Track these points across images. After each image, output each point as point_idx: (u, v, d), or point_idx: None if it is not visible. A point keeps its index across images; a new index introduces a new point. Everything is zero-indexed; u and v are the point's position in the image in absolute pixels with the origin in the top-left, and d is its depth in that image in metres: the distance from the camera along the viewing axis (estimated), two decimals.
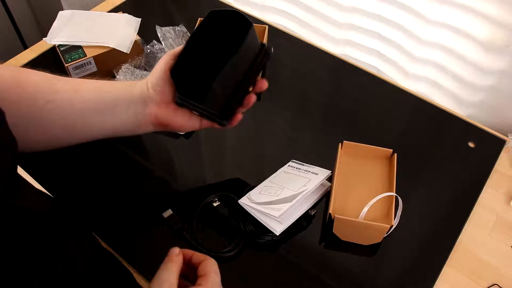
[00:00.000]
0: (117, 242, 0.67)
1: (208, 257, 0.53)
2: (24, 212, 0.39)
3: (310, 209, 0.70)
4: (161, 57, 0.89)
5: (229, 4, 1.07)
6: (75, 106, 0.54)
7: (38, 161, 0.75)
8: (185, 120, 0.58)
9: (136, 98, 0.56)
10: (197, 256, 0.53)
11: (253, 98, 0.58)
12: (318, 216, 0.70)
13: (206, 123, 0.59)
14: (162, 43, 0.91)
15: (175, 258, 0.51)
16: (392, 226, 0.65)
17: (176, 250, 0.52)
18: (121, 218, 0.70)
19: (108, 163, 0.77)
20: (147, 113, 0.56)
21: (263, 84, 0.59)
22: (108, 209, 0.71)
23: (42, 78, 0.54)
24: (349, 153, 0.75)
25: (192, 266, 0.53)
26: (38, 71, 0.55)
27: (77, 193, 0.73)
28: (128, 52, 0.86)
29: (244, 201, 0.68)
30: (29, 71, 0.54)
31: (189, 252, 0.54)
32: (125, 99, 0.56)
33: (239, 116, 0.59)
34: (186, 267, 0.53)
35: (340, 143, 0.74)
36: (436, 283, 0.65)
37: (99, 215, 0.70)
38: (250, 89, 0.59)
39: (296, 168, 0.74)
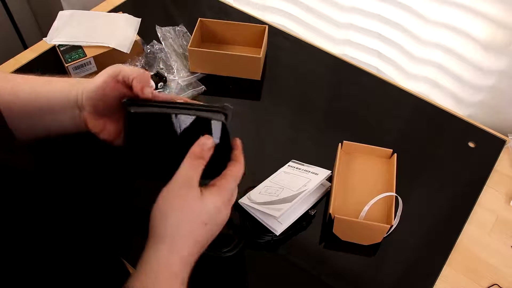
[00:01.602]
0: (117, 241, 0.67)
1: (235, 162, 0.50)
2: (13, 169, 0.40)
3: (310, 209, 0.70)
4: (160, 57, 0.90)
5: (229, 4, 1.07)
6: (13, 110, 0.54)
7: (37, 157, 0.75)
8: (110, 139, 0.57)
9: (72, 103, 0.55)
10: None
11: None
12: (318, 216, 0.70)
13: None
14: (162, 43, 0.91)
15: (206, 154, 0.47)
16: (392, 226, 0.65)
17: (209, 143, 0.47)
18: (121, 218, 0.70)
19: (109, 162, 0.76)
20: (82, 117, 0.56)
21: None
22: (107, 208, 0.71)
23: None
24: (349, 153, 0.75)
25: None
26: None
27: (77, 193, 0.72)
28: (128, 52, 0.86)
29: (244, 201, 0.68)
30: None
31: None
32: (62, 102, 0.55)
33: None
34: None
35: (340, 143, 0.74)
36: (436, 283, 0.65)
37: (99, 215, 0.70)
38: None
39: (296, 168, 0.74)
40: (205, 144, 0.47)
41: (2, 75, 0.57)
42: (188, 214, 0.46)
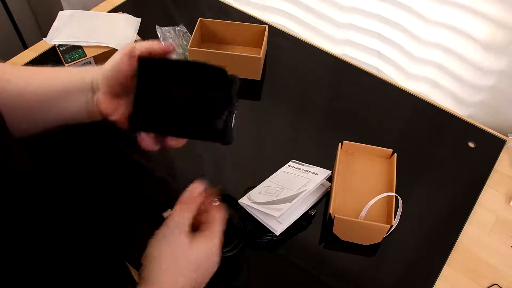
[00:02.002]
0: (117, 242, 0.67)
1: (217, 207, 0.52)
2: (13, 173, 0.40)
3: (310, 209, 0.70)
4: None
5: (229, 4, 1.07)
6: (26, 97, 0.53)
7: (36, 162, 0.75)
8: (120, 121, 0.56)
9: (87, 85, 0.55)
10: (208, 203, 0.52)
11: (171, 142, 0.55)
12: (318, 216, 0.70)
13: None
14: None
15: (196, 199, 0.49)
16: (392, 226, 0.65)
17: (199, 189, 0.50)
18: (121, 218, 0.70)
19: (109, 163, 0.76)
20: (94, 100, 0.55)
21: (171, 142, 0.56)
22: (108, 209, 0.71)
23: None
24: (349, 153, 0.75)
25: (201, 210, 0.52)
26: None
27: (77, 193, 0.72)
28: None
29: (244, 201, 0.68)
30: None
31: (207, 195, 0.52)
32: (78, 86, 0.55)
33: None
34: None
35: (340, 143, 0.74)
36: (436, 283, 0.65)
37: (99, 215, 0.70)
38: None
39: (296, 168, 0.74)
40: (194, 191, 0.50)
41: (13, 66, 0.57)
42: (177, 261, 0.47)
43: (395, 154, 0.72)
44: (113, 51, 0.85)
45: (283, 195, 0.67)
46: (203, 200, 0.51)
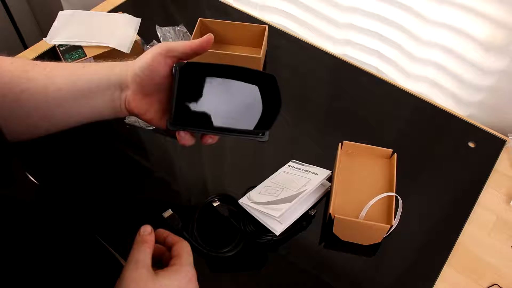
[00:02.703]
0: (117, 242, 0.67)
1: (181, 239, 0.54)
2: (13, 201, 0.39)
3: (310, 209, 0.70)
4: None
5: (229, 4, 1.07)
6: (49, 94, 0.52)
7: (37, 160, 0.75)
8: (154, 119, 0.56)
9: (113, 82, 0.54)
10: (171, 237, 0.54)
11: (208, 140, 0.56)
12: (318, 216, 0.70)
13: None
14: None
15: (148, 238, 0.51)
16: (392, 226, 0.65)
17: (148, 229, 0.52)
18: (121, 218, 0.70)
19: (109, 163, 0.77)
20: (122, 98, 0.54)
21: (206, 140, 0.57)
22: (108, 209, 0.71)
23: (16, 66, 0.52)
24: (349, 153, 0.75)
25: (167, 247, 0.54)
26: (12, 58, 0.53)
27: (77, 193, 0.73)
28: (128, 52, 0.86)
29: (244, 201, 0.68)
30: (2, 59, 0.52)
31: (164, 233, 0.54)
32: (101, 83, 0.54)
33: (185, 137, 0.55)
34: (160, 248, 0.54)
35: (340, 143, 0.74)
36: (436, 283, 0.65)
37: (99, 215, 0.70)
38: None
39: (296, 168, 0.74)
40: (144, 232, 0.52)
41: (34, 63, 0.55)
42: None
43: (395, 154, 0.72)
44: (113, 51, 0.85)
45: (283, 195, 0.67)
46: (158, 237, 0.53)
